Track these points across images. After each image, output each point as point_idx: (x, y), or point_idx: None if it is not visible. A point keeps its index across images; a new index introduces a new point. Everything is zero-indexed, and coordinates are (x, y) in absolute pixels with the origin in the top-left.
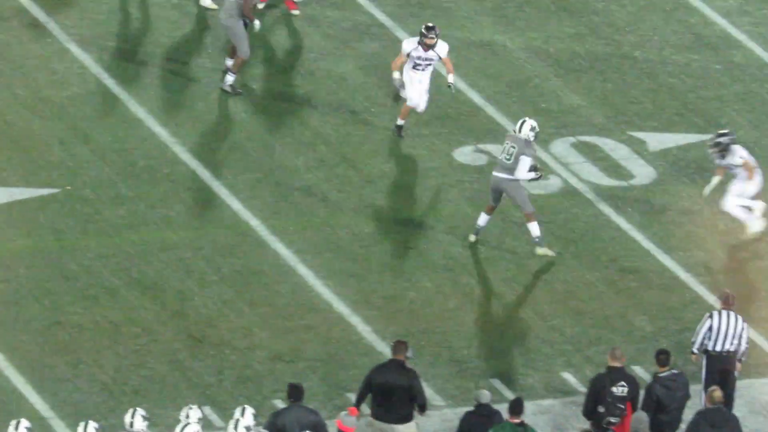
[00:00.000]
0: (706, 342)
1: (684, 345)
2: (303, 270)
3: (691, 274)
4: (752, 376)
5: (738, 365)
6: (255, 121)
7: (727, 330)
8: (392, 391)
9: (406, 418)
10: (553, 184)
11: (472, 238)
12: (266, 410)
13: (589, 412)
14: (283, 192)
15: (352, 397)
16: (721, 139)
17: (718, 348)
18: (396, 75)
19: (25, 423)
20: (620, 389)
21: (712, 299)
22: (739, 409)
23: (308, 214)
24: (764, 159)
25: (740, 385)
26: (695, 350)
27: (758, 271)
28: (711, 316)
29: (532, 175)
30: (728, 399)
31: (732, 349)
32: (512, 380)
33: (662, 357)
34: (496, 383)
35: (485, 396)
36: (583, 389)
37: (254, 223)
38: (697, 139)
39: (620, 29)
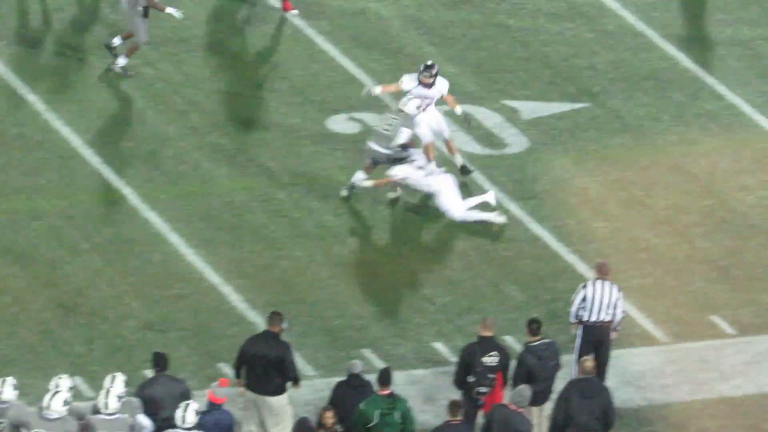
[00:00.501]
0: (581, 312)
1: (555, 314)
2: (175, 239)
3: (563, 243)
4: (623, 346)
5: (613, 335)
6: (127, 90)
7: (602, 300)
8: (264, 363)
9: (278, 390)
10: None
11: (344, 192)
12: (137, 380)
13: (460, 382)
14: (155, 160)
15: (224, 367)
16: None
17: (593, 318)
18: (377, 91)
19: (11, 380)
20: (491, 359)
21: (583, 268)
22: (610, 380)
23: (180, 183)
24: (636, 128)
25: (611, 355)
26: (572, 320)
27: (630, 241)
28: (585, 286)
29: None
30: (601, 369)
31: (607, 318)
32: (384, 350)
33: (534, 326)
34: (368, 353)
35: (357, 366)
36: (454, 359)
37: (126, 191)
38: (569, 108)
39: None
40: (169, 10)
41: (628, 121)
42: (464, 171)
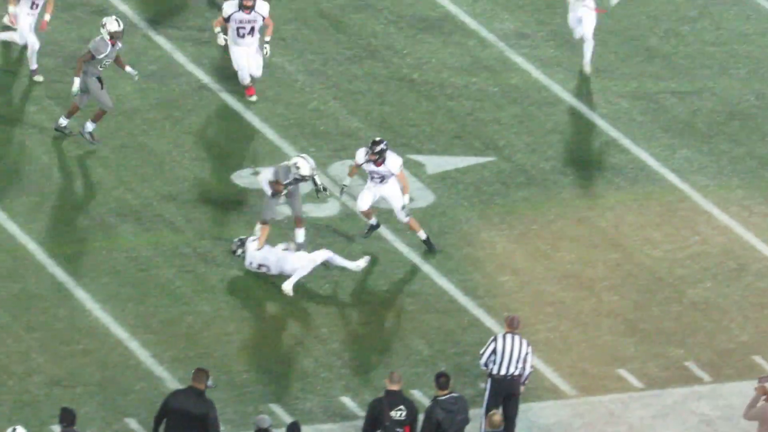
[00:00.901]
0: (490, 365)
1: (463, 368)
2: (81, 294)
3: (469, 297)
4: (531, 400)
5: (521, 388)
6: (33, 144)
7: (511, 353)
8: (187, 419)
9: None
10: (331, 206)
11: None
12: None
13: None
14: (60, 215)
15: (131, 422)
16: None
17: (503, 372)
18: (346, 182)
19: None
20: (399, 413)
21: (490, 322)
22: None
23: (86, 238)
24: (541, 181)
25: (520, 408)
26: (483, 368)
27: (537, 295)
28: (495, 339)
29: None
30: (510, 423)
31: (516, 372)
32: (291, 405)
33: (442, 380)
34: (276, 408)
35: (265, 421)
36: (362, 413)
37: (32, 246)
38: (475, 162)
39: (398, 52)
40: (128, 69)
41: (533, 175)
42: (428, 246)
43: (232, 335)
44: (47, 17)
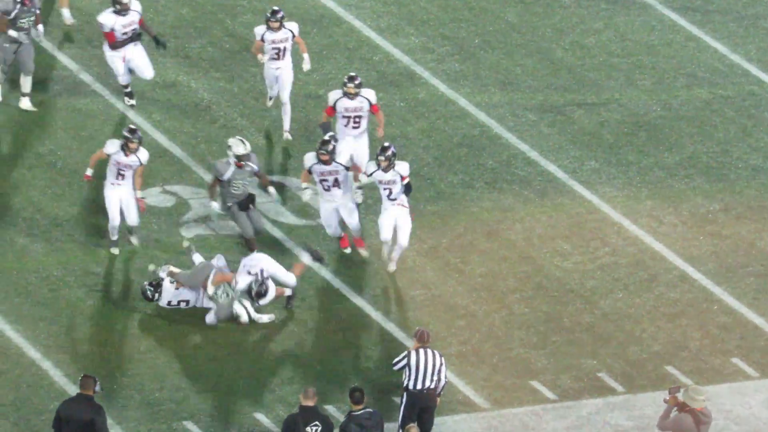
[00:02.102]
0: (405, 380)
1: (376, 383)
2: None
3: (381, 312)
4: (445, 413)
5: (437, 400)
6: None
7: (425, 367)
8: (77, 425)
9: None
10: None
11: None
12: None
13: None
14: None
15: None
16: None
17: (419, 386)
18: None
19: None
20: (314, 428)
21: (402, 336)
22: None
23: None
24: (449, 195)
25: (435, 421)
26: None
27: (448, 308)
28: (408, 355)
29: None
30: None
31: (432, 386)
32: (205, 422)
33: (356, 395)
34: (189, 425)
35: None
36: (277, 429)
37: None
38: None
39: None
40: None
41: (441, 189)
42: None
43: (145, 353)
44: (139, 194)
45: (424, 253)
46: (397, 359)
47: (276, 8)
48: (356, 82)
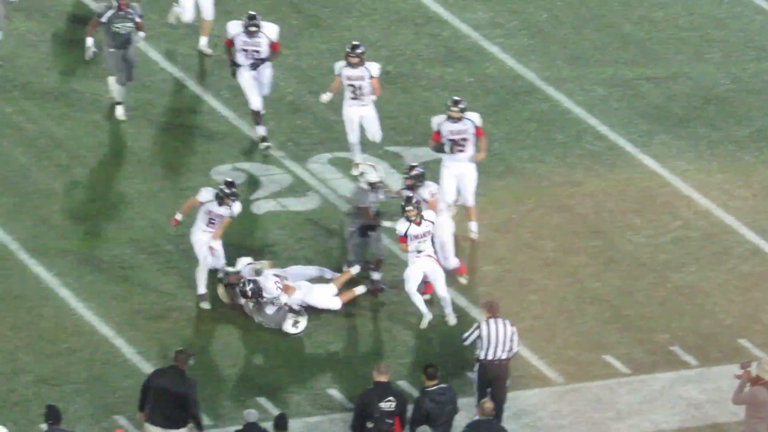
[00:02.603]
0: (477, 351)
1: (450, 358)
2: (65, 293)
3: (453, 288)
4: (518, 388)
5: (509, 370)
6: (9, 145)
7: (497, 337)
8: (168, 397)
9: (179, 425)
10: (311, 200)
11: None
12: None
13: (358, 428)
14: (42, 215)
15: (119, 419)
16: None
17: (491, 356)
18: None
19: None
20: (388, 404)
21: (475, 312)
22: (507, 422)
23: (68, 237)
24: (520, 170)
25: (508, 396)
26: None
27: (520, 283)
28: (479, 327)
29: None
30: (498, 408)
31: (504, 356)
32: (279, 398)
33: (430, 370)
34: (263, 401)
35: (252, 415)
36: (350, 405)
37: (14, 247)
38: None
39: (372, 44)
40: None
41: (512, 164)
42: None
43: (218, 330)
44: (213, 243)
45: (495, 228)
46: (466, 333)
47: (356, 43)
48: (460, 106)
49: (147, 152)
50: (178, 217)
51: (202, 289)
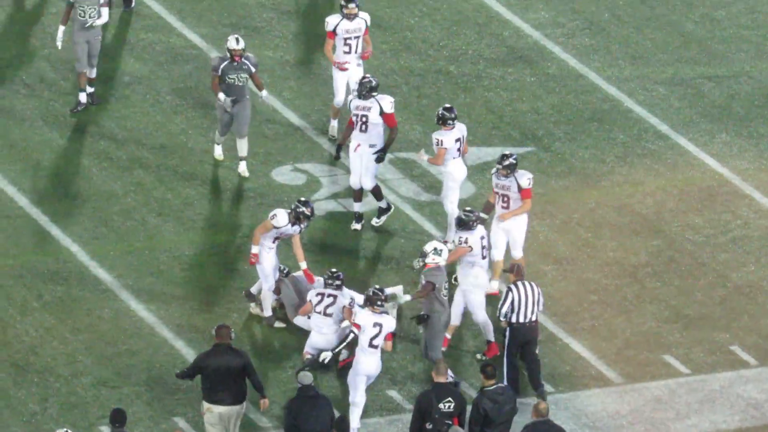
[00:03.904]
0: (509, 315)
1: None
2: (125, 295)
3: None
4: (577, 388)
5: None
6: (71, 147)
7: (527, 299)
8: (228, 373)
9: (243, 399)
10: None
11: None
12: None
13: (417, 429)
14: (102, 217)
15: (179, 420)
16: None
17: (522, 319)
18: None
19: None
20: (447, 405)
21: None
22: (566, 422)
23: (128, 239)
24: (580, 170)
25: (565, 397)
26: (503, 318)
27: (580, 283)
28: (510, 290)
29: None
30: (534, 368)
31: (534, 318)
32: (338, 399)
33: (489, 370)
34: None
35: (307, 377)
36: (409, 406)
37: (74, 249)
38: (514, 152)
39: (434, 44)
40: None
41: (572, 164)
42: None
43: (276, 331)
44: (304, 265)
45: (555, 228)
46: (500, 305)
47: None
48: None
49: (207, 154)
50: (255, 250)
51: (268, 311)
